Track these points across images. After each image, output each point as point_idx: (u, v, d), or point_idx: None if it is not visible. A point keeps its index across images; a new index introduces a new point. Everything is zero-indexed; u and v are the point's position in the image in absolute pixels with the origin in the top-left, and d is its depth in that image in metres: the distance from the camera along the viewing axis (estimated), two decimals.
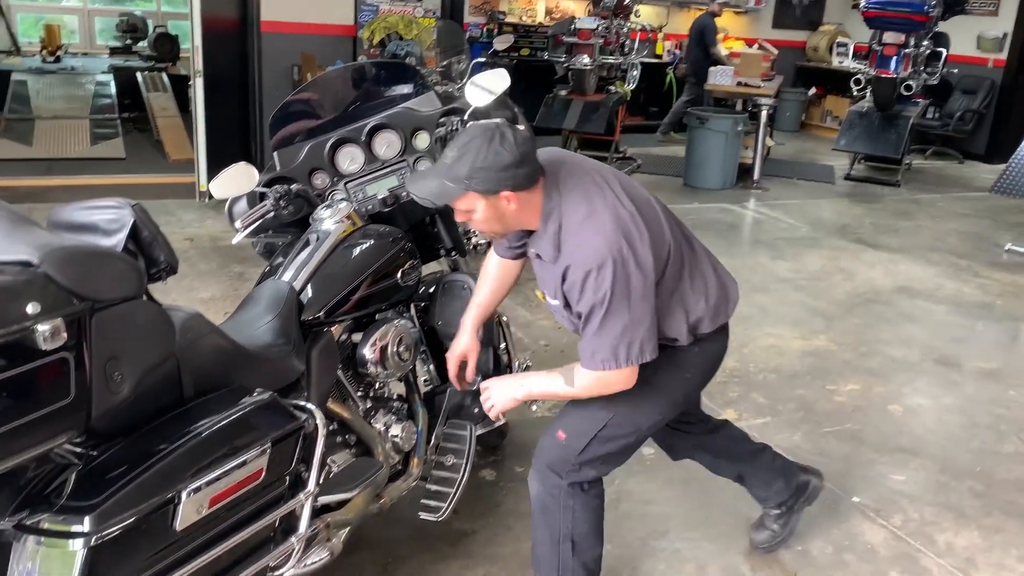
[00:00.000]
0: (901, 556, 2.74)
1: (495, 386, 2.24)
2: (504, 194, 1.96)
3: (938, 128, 9.98)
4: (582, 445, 2.17)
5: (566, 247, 1.99)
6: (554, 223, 2.00)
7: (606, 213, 1.98)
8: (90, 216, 1.85)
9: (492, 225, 2.04)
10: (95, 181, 6.90)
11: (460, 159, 1.95)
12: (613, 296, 1.94)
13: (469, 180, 1.93)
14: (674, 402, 2.26)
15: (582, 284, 1.95)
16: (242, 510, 1.73)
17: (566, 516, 2.20)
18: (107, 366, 1.55)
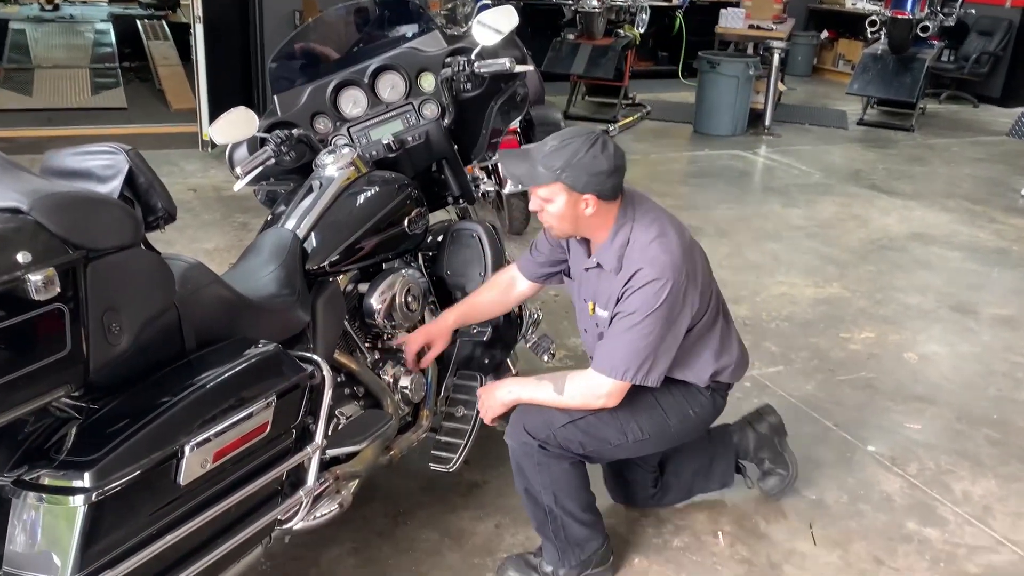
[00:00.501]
0: (917, 505, 2.70)
1: (486, 393, 2.27)
2: (588, 197, 2.03)
3: (953, 71, 9.75)
4: (566, 419, 2.15)
5: (632, 259, 2.07)
6: (623, 237, 2.10)
7: (675, 240, 2.09)
8: (84, 162, 1.79)
9: (561, 223, 2.09)
10: (97, 131, 6.78)
11: (559, 150, 2.01)
12: (659, 311, 2.02)
13: (562, 172, 2.00)
14: (665, 433, 2.23)
15: (640, 288, 2.03)
16: (248, 464, 1.69)
17: (542, 473, 2.17)
18: (104, 317, 1.49)
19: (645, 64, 10.23)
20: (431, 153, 2.59)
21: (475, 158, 2.74)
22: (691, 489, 2.60)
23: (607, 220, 2.11)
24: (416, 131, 2.56)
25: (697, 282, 2.12)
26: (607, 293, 2.13)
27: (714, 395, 2.31)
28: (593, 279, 2.20)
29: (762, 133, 7.91)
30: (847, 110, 8.97)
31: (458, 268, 2.61)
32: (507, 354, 2.75)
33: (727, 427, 2.63)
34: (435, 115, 2.58)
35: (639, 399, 2.18)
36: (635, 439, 2.21)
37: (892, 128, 8.40)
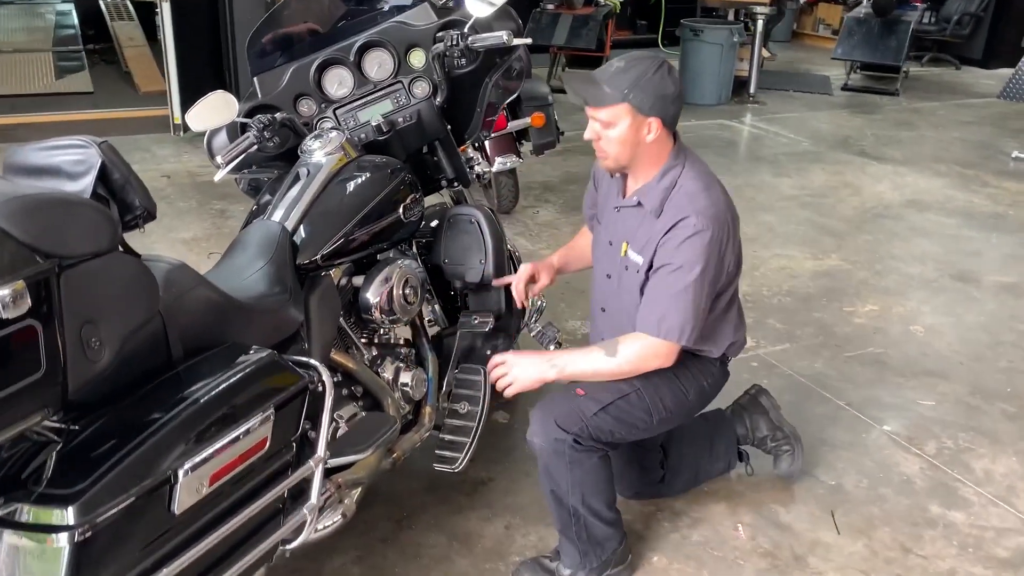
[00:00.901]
0: (939, 487, 2.61)
1: (519, 363, 2.10)
2: (652, 120, 1.99)
3: (935, 33, 9.64)
4: (597, 408, 2.06)
5: (678, 206, 2.02)
6: (670, 179, 2.05)
7: (720, 194, 2.06)
8: (51, 158, 1.62)
9: (621, 148, 2.03)
10: (63, 118, 6.55)
11: (625, 71, 1.98)
12: (706, 265, 1.98)
13: (629, 92, 1.96)
14: (684, 407, 2.18)
15: (687, 239, 1.98)
16: (247, 484, 1.55)
17: (573, 471, 2.06)
18: (82, 332, 1.35)
19: (624, 33, 10.03)
20: (423, 134, 2.44)
21: (469, 138, 2.59)
22: (698, 473, 2.50)
23: (661, 154, 2.07)
24: (407, 111, 2.41)
25: (735, 241, 2.08)
26: (645, 235, 2.07)
27: (722, 366, 2.25)
28: (627, 219, 2.14)
29: (747, 101, 7.79)
30: (830, 75, 8.86)
31: (457, 255, 2.46)
32: (510, 344, 2.61)
33: (720, 410, 2.55)
34: (427, 93, 2.42)
35: (661, 375, 2.10)
36: (659, 418, 2.13)
37: (877, 93, 8.30)
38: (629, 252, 2.13)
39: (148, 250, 1.73)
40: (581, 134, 2.14)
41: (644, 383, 2.10)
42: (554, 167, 5.63)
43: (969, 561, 2.32)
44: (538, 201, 5.09)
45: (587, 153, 6.17)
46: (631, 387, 2.09)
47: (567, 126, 5.94)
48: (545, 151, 4.56)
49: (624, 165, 2.10)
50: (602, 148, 2.07)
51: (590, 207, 2.43)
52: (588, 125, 2.08)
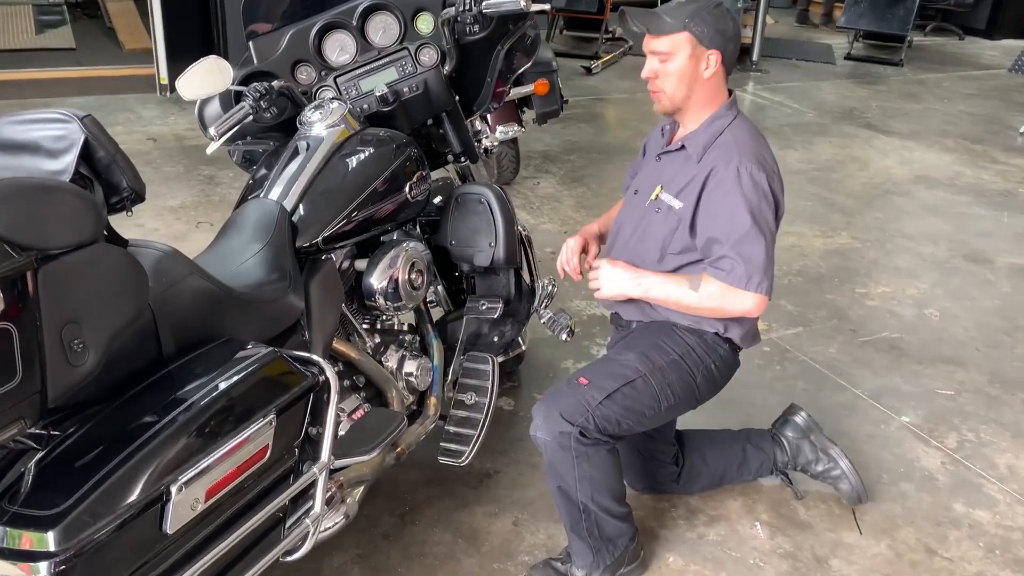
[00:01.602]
0: (962, 483, 2.51)
1: (609, 270, 2.05)
2: (711, 53, 1.95)
3: (939, 2, 9.47)
4: (602, 396, 1.95)
5: (721, 148, 1.96)
6: (718, 127, 2.00)
7: (767, 149, 2.01)
8: (29, 132, 1.46)
9: (679, 83, 1.97)
10: (43, 75, 6.31)
11: (685, 5, 1.94)
12: (760, 207, 1.91)
13: (690, 21, 1.92)
14: (692, 393, 2.07)
15: (733, 181, 1.91)
16: (246, 496, 1.42)
17: (580, 466, 1.95)
18: (63, 333, 1.21)
19: None
20: (430, 105, 2.28)
21: (478, 110, 2.43)
22: (722, 478, 2.38)
23: (715, 98, 2.01)
24: (413, 80, 2.25)
25: (780, 189, 1.99)
26: (685, 178, 2.01)
27: (732, 350, 2.13)
28: (666, 165, 2.09)
29: (750, 69, 7.60)
30: (833, 44, 8.67)
31: (465, 237, 2.31)
32: (519, 331, 2.48)
33: (763, 430, 2.42)
34: (434, 62, 2.26)
35: (668, 360, 2.02)
36: (667, 405, 2.03)
37: (881, 63, 8.12)
38: (662, 195, 2.05)
39: (134, 220, 1.58)
40: (583, 102, 2.01)
41: (651, 367, 2.00)
42: (554, 135, 5.46)
43: (997, 564, 2.22)
44: (538, 172, 4.93)
45: (588, 121, 6.03)
46: (636, 373, 1.99)
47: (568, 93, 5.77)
48: (548, 120, 4.39)
49: (679, 105, 2.01)
50: (658, 85, 2.00)
51: (630, 176, 2.31)
52: (646, 63, 2.00)
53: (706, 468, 2.36)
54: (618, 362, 2.04)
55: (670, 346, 2.05)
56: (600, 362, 2.13)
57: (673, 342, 2.06)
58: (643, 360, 2.02)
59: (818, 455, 2.35)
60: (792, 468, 2.39)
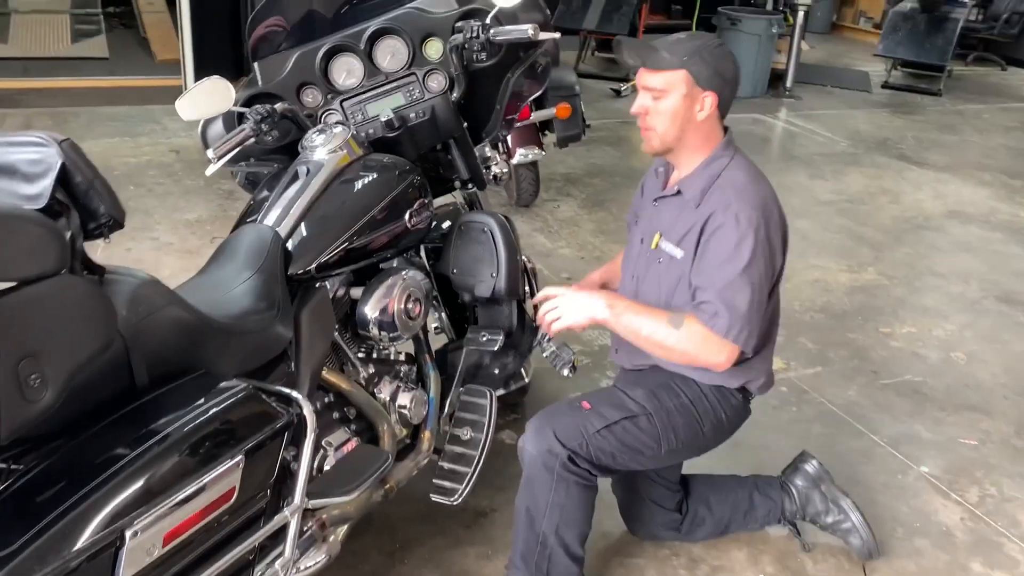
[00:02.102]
0: (982, 542, 2.39)
1: (571, 295, 1.94)
2: (707, 95, 1.87)
3: (982, 31, 9.28)
4: (602, 424, 1.88)
5: (719, 194, 1.88)
6: (715, 169, 1.92)
7: (769, 192, 1.93)
8: (6, 155, 1.41)
9: (671, 123, 1.89)
10: (75, 83, 6.38)
11: (685, 41, 1.88)
12: (754, 256, 1.82)
13: (688, 59, 1.85)
14: (697, 440, 2.00)
15: (731, 229, 1.83)
16: (208, 541, 1.36)
17: (556, 491, 1.87)
18: (20, 368, 1.15)
19: (657, 18, 9.73)
20: (437, 132, 2.23)
21: (487, 137, 2.37)
22: (727, 526, 2.28)
23: (709, 140, 1.93)
24: (420, 106, 2.20)
25: (782, 233, 1.94)
26: (684, 226, 1.93)
27: (744, 400, 2.06)
28: (663, 211, 2.01)
29: (783, 95, 7.50)
30: (870, 71, 8.53)
31: (466, 266, 2.25)
32: (521, 364, 2.42)
33: (772, 476, 2.32)
34: (442, 88, 2.21)
35: (677, 404, 1.95)
36: (668, 448, 1.95)
37: (919, 92, 7.97)
38: (662, 243, 1.97)
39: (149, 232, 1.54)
40: (608, 125, 1.94)
41: (658, 407, 1.93)
42: (577, 158, 5.40)
43: None
44: (559, 195, 4.87)
45: (613, 144, 5.96)
46: (641, 409, 1.92)
47: (593, 115, 5.71)
48: (569, 143, 4.34)
49: (669, 146, 1.94)
50: (648, 123, 1.92)
51: (632, 216, 2.25)
52: (637, 98, 1.92)
53: (711, 516, 2.26)
54: (626, 394, 1.97)
55: (681, 389, 1.98)
56: (607, 391, 2.07)
57: (685, 385, 1.99)
58: (651, 398, 1.95)
59: (828, 506, 2.25)
60: (801, 518, 2.29)
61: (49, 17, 8.05)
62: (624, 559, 2.25)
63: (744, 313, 1.83)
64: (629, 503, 2.27)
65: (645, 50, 1.89)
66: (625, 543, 2.30)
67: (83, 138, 5.09)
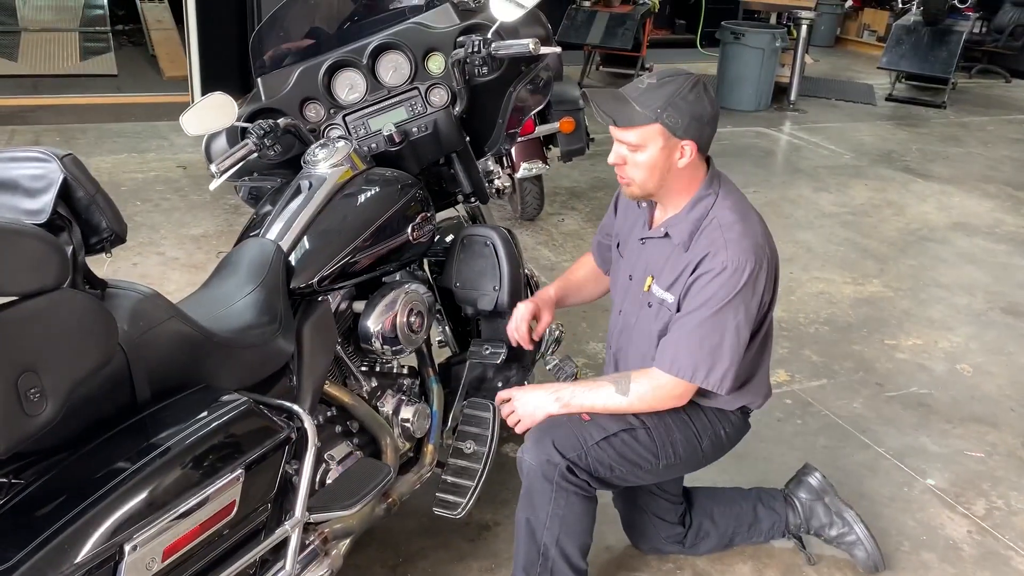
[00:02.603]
0: (989, 555, 2.37)
1: (523, 397, 1.97)
2: (686, 144, 1.83)
3: (986, 44, 9.29)
4: (601, 436, 1.88)
5: (711, 239, 1.85)
6: (701, 210, 1.89)
7: (758, 227, 1.89)
8: (8, 171, 1.43)
9: (649, 175, 1.85)
10: (84, 100, 6.43)
11: (658, 89, 1.80)
12: (734, 300, 1.81)
13: (662, 112, 1.79)
14: (695, 456, 2.00)
15: (717, 275, 1.81)
16: (208, 555, 1.36)
17: (556, 502, 1.87)
18: (19, 382, 1.16)
19: (662, 33, 9.79)
20: (439, 146, 2.23)
21: (490, 151, 2.38)
22: (731, 539, 2.27)
23: (693, 182, 1.90)
24: (422, 120, 2.20)
25: (771, 271, 1.90)
26: (674, 271, 1.91)
27: (743, 416, 2.06)
28: (652, 252, 1.98)
29: (787, 108, 7.51)
30: (874, 84, 8.55)
31: (469, 280, 2.26)
32: (524, 377, 2.40)
33: (775, 490, 2.31)
34: (444, 102, 2.22)
35: (676, 417, 1.94)
36: (666, 463, 1.95)
37: (923, 104, 7.97)
38: (654, 288, 1.96)
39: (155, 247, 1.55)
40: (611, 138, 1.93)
41: (656, 422, 1.93)
42: (582, 172, 5.41)
43: None
44: (564, 208, 4.88)
45: None
46: (641, 423, 1.92)
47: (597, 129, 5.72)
48: (573, 157, 4.35)
49: (650, 193, 1.92)
50: (626, 173, 1.89)
51: (603, 235, 2.25)
52: (613, 148, 1.89)
53: (715, 529, 2.25)
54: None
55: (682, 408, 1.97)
56: None
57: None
58: (645, 417, 1.94)
59: (832, 519, 2.24)
60: (805, 531, 2.28)
61: (59, 35, 8.12)
62: (628, 573, 2.24)
63: (714, 355, 1.83)
64: (631, 517, 2.26)
65: (615, 104, 1.83)
66: (628, 556, 2.29)
67: (91, 154, 5.14)
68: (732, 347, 1.84)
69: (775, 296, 1.97)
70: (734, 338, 1.84)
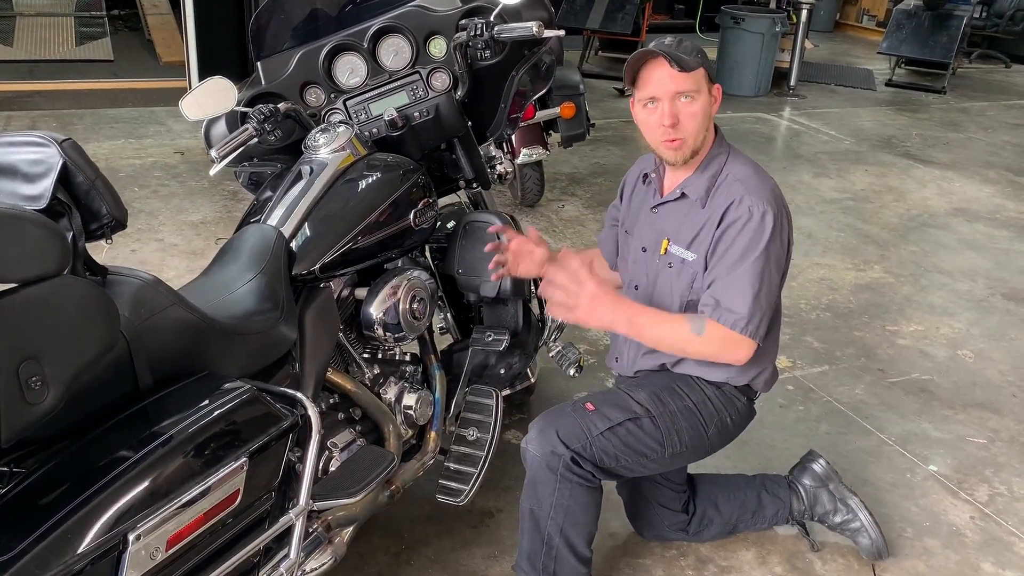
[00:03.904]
0: (992, 541, 2.37)
1: (589, 295, 1.81)
2: (715, 88, 1.90)
3: (986, 29, 9.24)
4: (606, 426, 1.87)
5: (726, 190, 1.88)
6: (715, 167, 1.92)
7: (770, 179, 1.93)
8: (6, 156, 1.41)
9: (700, 126, 1.88)
10: (80, 86, 6.38)
11: (681, 43, 1.88)
12: (766, 248, 1.82)
13: (698, 58, 1.86)
14: (701, 444, 1.98)
15: (745, 223, 1.82)
16: (212, 544, 1.35)
17: (561, 492, 1.86)
18: (20, 370, 1.14)
19: (661, 17, 9.74)
20: (441, 131, 2.21)
21: (492, 136, 2.36)
22: (735, 526, 2.26)
23: (709, 137, 1.94)
24: (424, 105, 2.18)
25: (788, 223, 1.92)
26: (693, 228, 1.92)
27: (748, 402, 2.05)
28: (667, 216, 1.99)
29: (786, 94, 7.48)
30: (874, 69, 8.51)
31: (472, 266, 2.24)
32: (527, 364, 2.40)
33: (779, 476, 2.30)
34: (446, 86, 2.19)
35: (681, 407, 1.94)
36: (672, 452, 1.93)
37: (923, 90, 7.94)
38: (671, 248, 1.96)
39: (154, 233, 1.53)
40: (612, 124, 1.92)
41: (662, 410, 1.92)
42: (582, 158, 5.39)
43: None
44: (564, 194, 4.85)
45: (617, 143, 5.94)
46: (644, 412, 1.91)
47: (597, 114, 5.69)
48: (573, 143, 4.33)
49: (697, 149, 1.92)
50: (680, 132, 1.86)
51: (611, 223, 2.23)
52: (666, 110, 1.84)
53: (718, 516, 2.25)
54: (630, 396, 1.95)
55: (685, 392, 1.97)
56: (611, 392, 2.05)
57: (689, 388, 1.97)
58: (654, 400, 1.93)
59: (836, 505, 2.23)
60: (809, 518, 2.27)
61: (54, 20, 8.05)
62: (631, 559, 2.24)
63: (759, 306, 1.84)
64: (635, 505, 2.25)
65: (674, 56, 1.83)
66: (632, 543, 2.29)
67: (88, 140, 5.10)
68: (768, 295, 1.85)
69: (791, 254, 1.96)
70: (768, 286, 1.85)
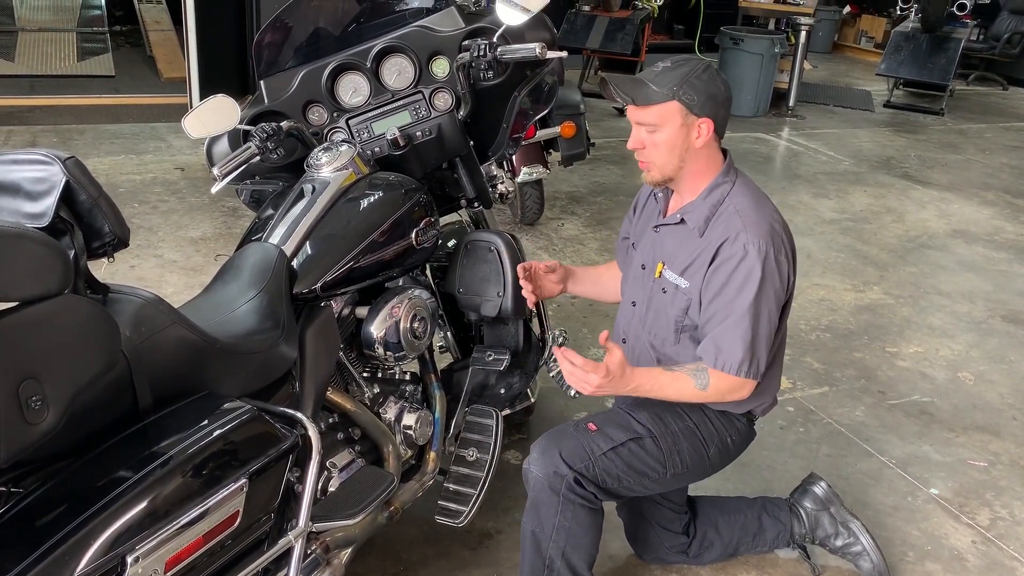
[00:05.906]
0: (993, 566, 2.36)
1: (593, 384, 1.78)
2: (703, 122, 1.84)
3: (983, 51, 9.30)
4: (608, 447, 1.87)
5: (724, 221, 1.86)
6: (717, 196, 1.90)
7: (775, 214, 1.90)
8: (9, 173, 1.41)
9: (668, 155, 1.86)
10: (81, 101, 6.39)
11: (672, 70, 1.83)
12: (761, 287, 1.80)
13: (678, 89, 1.81)
14: (702, 465, 1.98)
15: (740, 262, 1.81)
16: (211, 566, 1.33)
17: (563, 514, 1.85)
18: (20, 390, 1.14)
19: (660, 38, 9.77)
20: (443, 150, 2.22)
21: (494, 156, 2.36)
22: (736, 549, 2.25)
23: (710, 166, 1.91)
24: (426, 124, 2.19)
25: (790, 258, 1.90)
26: (688, 256, 1.91)
27: (748, 423, 2.04)
28: (667, 240, 1.98)
29: (785, 114, 7.51)
30: (872, 90, 8.55)
31: (472, 285, 2.24)
32: (527, 384, 2.39)
33: (780, 499, 2.29)
34: (449, 106, 2.20)
35: (682, 427, 1.93)
36: (673, 473, 1.93)
37: (921, 111, 7.98)
38: (665, 273, 1.96)
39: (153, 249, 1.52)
40: (612, 143, 1.93)
41: (663, 431, 1.92)
42: (581, 176, 5.40)
43: None
44: (564, 213, 4.86)
45: (617, 163, 5.95)
46: (646, 432, 1.91)
47: (598, 133, 5.70)
48: (574, 162, 4.34)
49: (670, 176, 1.91)
50: (646, 157, 1.89)
51: (624, 235, 2.23)
52: (632, 133, 1.89)
53: (719, 538, 2.23)
54: (631, 416, 1.95)
55: (686, 412, 1.97)
56: (613, 412, 2.04)
57: (690, 409, 1.97)
58: (655, 420, 1.93)
59: (838, 529, 2.22)
60: (810, 541, 2.26)
61: (56, 35, 8.08)
62: None
63: (759, 346, 1.84)
64: (635, 527, 2.24)
65: (632, 85, 1.85)
66: (632, 565, 2.27)
67: (88, 155, 5.11)
68: (767, 335, 1.85)
69: (793, 288, 1.95)
70: (768, 325, 1.85)
